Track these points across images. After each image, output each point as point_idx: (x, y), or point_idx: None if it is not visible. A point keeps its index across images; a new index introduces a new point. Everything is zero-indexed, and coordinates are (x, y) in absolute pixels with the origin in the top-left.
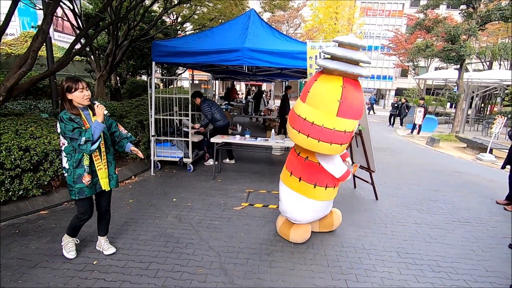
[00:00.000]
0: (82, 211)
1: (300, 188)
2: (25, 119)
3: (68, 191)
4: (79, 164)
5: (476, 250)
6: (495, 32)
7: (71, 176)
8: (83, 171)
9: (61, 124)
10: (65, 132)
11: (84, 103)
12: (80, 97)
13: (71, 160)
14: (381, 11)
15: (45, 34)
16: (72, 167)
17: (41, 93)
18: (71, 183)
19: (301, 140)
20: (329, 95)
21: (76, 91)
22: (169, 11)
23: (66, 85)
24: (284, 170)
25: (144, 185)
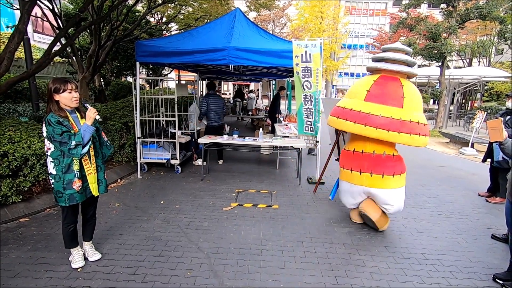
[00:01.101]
0: (67, 218)
1: (394, 182)
2: (2, 123)
3: (56, 198)
4: (68, 169)
5: (461, 242)
6: (474, 30)
7: (59, 182)
8: (73, 177)
9: (49, 127)
10: (53, 136)
11: (72, 105)
12: (68, 99)
13: (59, 166)
14: (365, 10)
15: (22, 34)
16: (61, 173)
17: (21, 96)
18: (60, 189)
19: (400, 138)
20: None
21: (65, 92)
22: (154, 11)
23: (54, 85)
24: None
25: (131, 188)
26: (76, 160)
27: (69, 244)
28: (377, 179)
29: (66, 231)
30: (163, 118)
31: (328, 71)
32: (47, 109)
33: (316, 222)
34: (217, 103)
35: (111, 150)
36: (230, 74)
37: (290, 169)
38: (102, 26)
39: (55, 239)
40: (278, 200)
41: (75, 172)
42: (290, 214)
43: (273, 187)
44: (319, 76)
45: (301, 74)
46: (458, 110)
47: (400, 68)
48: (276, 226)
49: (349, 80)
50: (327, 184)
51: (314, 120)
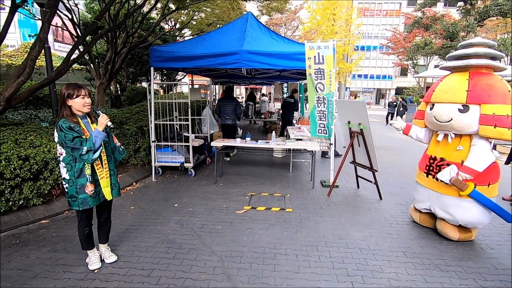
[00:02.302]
0: (82, 222)
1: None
2: (24, 128)
3: (70, 202)
4: (80, 173)
5: (485, 248)
6: (494, 28)
7: (73, 186)
8: (85, 181)
9: (61, 133)
10: (65, 142)
11: (83, 111)
12: (80, 104)
13: (71, 170)
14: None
15: (43, 43)
16: (73, 177)
17: (42, 102)
18: (74, 194)
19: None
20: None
21: (78, 97)
22: (167, 18)
23: (67, 91)
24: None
25: (145, 192)
26: (87, 164)
27: (85, 246)
28: None
29: (82, 234)
30: (177, 122)
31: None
32: (59, 114)
33: (330, 226)
34: (225, 105)
35: (124, 155)
36: (242, 78)
37: (303, 172)
38: (118, 34)
39: (73, 241)
40: (292, 203)
41: (87, 176)
42: (304, 218)
43: (286, 190)
44: (332, 77)
45: (314, 76)
46: None
47: (491, 62)
48: (289, 230)
49: (362, 82)
50: (341, 187)
51: (327, 123)
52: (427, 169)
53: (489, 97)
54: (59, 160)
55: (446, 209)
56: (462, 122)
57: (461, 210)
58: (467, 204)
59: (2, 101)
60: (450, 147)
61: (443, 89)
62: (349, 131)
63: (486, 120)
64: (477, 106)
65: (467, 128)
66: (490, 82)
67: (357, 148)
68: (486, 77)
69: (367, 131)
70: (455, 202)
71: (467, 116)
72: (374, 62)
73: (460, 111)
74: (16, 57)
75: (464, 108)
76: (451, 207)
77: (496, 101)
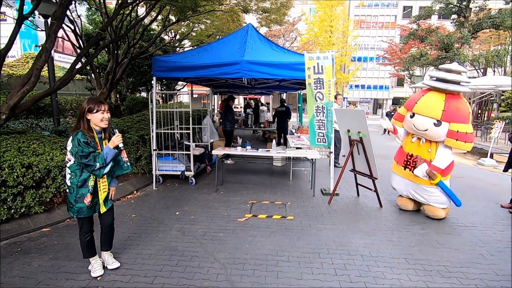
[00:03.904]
0: (83, 228)
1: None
2: (27, 137)
3: (68, 207)
4: (83, 184)
5: (485, 255)
6: (487, 40)
7: (72, 194)
8: (86, 191)
9: (78, 148)
10: (80, 157)
11: (101, 125)
12: (99, 119)
13: (75, 178)
14: (374, 23)
15: (49, 53)
16: (75, 186)
17: (43, 112)
18: (72, 201)
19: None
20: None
21: (98, 112)
22: (168, 29)
23: (88, 105)
24: None
25: (147, 200)
26: (93, 176)
27: (87, 253)
28: None
29: (84, 241)
30: (177, 131)
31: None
32: (76, 125)
33: (332, 234)
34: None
35: (127, 171)
36: (242, 88)
37: (304, 181)
38: (119, 44)
39: (74, 249)
40: (293, 211)
41: (89, 187)
42: (305, 225)
43: (287, 198)
44: (331, 87)
45: (313, 86)
46: (474, 120)
47: (465, 89)
48: (291, 237)
49: (360, 92)
50: (341, 195)
51: (326, 132)
52: (405, 163)
53: (456, 118)
54: (66, 165)
55: (421, 193)
56: (435, 133)
57: (431, 194)
58: (434, 190)
59: (6, 109)
60: (423, 148)
61: (424, 104)
62: (348, 139)
63: (451, 134)
64: (447, 123)
65: (437, 138)
66: (458, 106)
67: (357, 156)
68: (456, 101)
69: (367, 139)
70: (427, 189)
71: (439, 129)
72: (371, 73)
73: (435, 124)
74: (17, 67)
75: (438, 123)
76: (423, 191)
77: (460, 121)
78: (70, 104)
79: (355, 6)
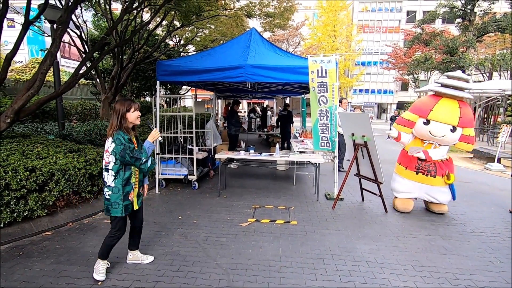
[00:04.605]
0: (120, 228)
1: None
2: (31, 140)
3: (111, 209)
4: (127, 182)
5: (494, 262)
6: (492, 43)
7: (118, 194)
8: (130, 189)
9: (125, 145)
10: (126, 154)
11: (137, 123)
12: (135, 117)
13: (119, 178)
14: (378, 28)
15: (53, 57)
16: (120, 185)
17: (47, 116)
18: (118, 201)
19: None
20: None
21: (135, 111)
22: (172, 34)
23: (126, 105)
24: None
25: (149, 204)
26: (134, 173)
27: (105, 254)
28: None
29: (111, 242)
30: (181, 135)
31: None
32: (114, 126)
33: (336, 239)
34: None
35: (153, 166)
36: (245, 92)
37: (307, 185)
38: (124, 49)
39: (76, 253)
40: (296, 216)
41: (132, 184)
42: (309, 230)
43: (290, 203)
44: (335, 91)
45: (317, 90)
46: (480, 125)
47: (468, 95)
48: (295, 243)
49: (364, 96)
50: (346, 200)
51: (330, 136)
52: (417, 168)
53: (468, 123)
54: (106, 168)
55: (434, 194)
56: (451, 138)
57: (442, 194)
58: (445, 189)
59: (11, 113)
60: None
61: (442, 111)
62: (352, 143)
63: (464, 138)
64: (461, 128)
65: (451, 143)
66: (469, 112)
67: (361, 161)
68: (467, 107)
69: (371, 143)
70: (440, 189)
71: (454, 135)
72: (375, 77)
73: (451, 130)
74: (24, 72)
75: (454, 129)
76: (436, 193)
77: (470, 126)
78: (75, 108)
79: (359, 11)
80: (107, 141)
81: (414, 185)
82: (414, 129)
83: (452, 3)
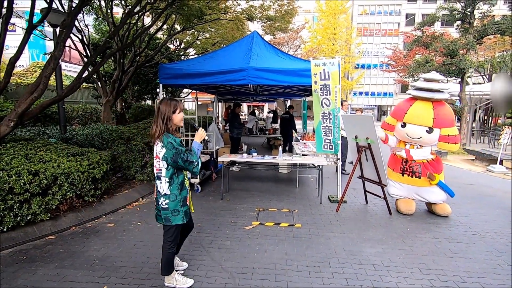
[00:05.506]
0: (176, 236)
1: None
2: (34, 144)
3: (171, 218)
4: (182, 186)
5: (502, 264)
6: (492, 46)
7: (176, 200)
8: (186, 193)
9: (179, 149)
10: (182, 156)
11: (181, 125)
12: (180, 119)
13: (174, 184)
14: (377, 31)
15: (57, 61)
16: (177, 191)
17: (49, 119)
18: (178, 207)
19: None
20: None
21: (181, 112)
22: (173, 38)
23: (172, 104)
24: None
25: (152, 207)
26: (186, 177)
27: (170, 269)
28: None
29: (171, 253)
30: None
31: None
32: (159, 129)
33: (342, 242)
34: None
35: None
36: (247, 95)
37: (310, 188)
38: (125, 53)
39: (80, 257)
40: (300, 219)
41: (187, 188)
42: (313, 233)
43: (294, 206)
44: (338, 93)
45: (319, 92)
46: (481, 127)
47: (446, 96)
48: (300, 246)
49: (364, 99)
50: (349, 203)
51: (333, 138)
52: (402, 170)
53: (445, 123)
54: (158, 176)
55: (423, 194)
56: (428, 139)
57: (432, 193)
58: (434, 189)
59: (14, 117)
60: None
61: (415, 114)
62: (356, 145)
63: (443, 138)
64: (438, 129)
65: (431, 143)
66: (445, 112)
67: (365, 163)
68: (442, 107)
69: (375, 145)
70: (428, 189)
71: (432, 135)
72: (374, 80)
73: (427, 131)
74: (26, 76)
75: (430, 130)
76: (425, 193)
77: (448, 125)
78: (77, 112)
79: (358, 14)
80: (155, 146)
81: (402, 187)
82: (394, 132)
83: (452, 6)
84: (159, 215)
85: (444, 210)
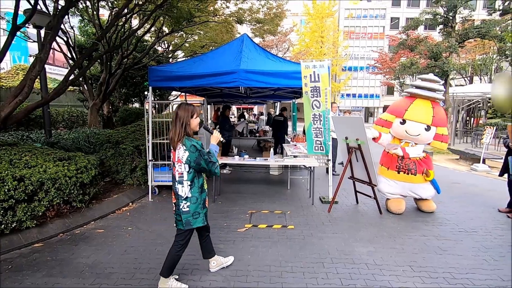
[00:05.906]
0: (188, 239)
1: None
2: (19, 149)
3: (191, 221)
4: (202, 189)
5: (489, 260)
6: (472, 49)
7: (197, 203)
8: (205, 195)
9: (201, 151)
10: (202, 160)
11: (197, 130)
12: (196, 123)
13: (195, 187)
14: (363, 34)
15: (43, 63)
16: (197, 194)
17: (33, 123)
18: (199, 210)
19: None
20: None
21: (198, 117)
22: (161, 40)
23: (190, 110)
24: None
25: (143, 212)
26: (205, 180)
27: (170, 271)
28: None
29: (177, 257)
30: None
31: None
32: (179, 134)
33: (334, 242)
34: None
35: None
36: (236, 97)
37: (302, 189)
38: (112, 55)
39: (69, 265)
40: (293, 220)
41: (206, 190)
42: (306, 235)
43: (286, 207)
44: (328, 95)
45: (310, 94)
46: (464, 127)
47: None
48: (293, 247)
49: (351, 101)
50: (341, 203)
51: (324, 139)
52: (398, 168)
53: (441, 122)
54: (180, 180)
55: (416, 191)
56: (425, 137)
57: (425, 190)
58: (426, 186)
59: None
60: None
61: (416, 111)
62: (346, 146)
63: (438, 137)
64: (435, 127)
65: (426, 141)
66: (441, 112)
67: (355, 164)
68: (439, 107)
69: (365, 146)
70: (421, 186)
71: (429, 133)
72: (361, 82)
73: (425, 129)
74: (7, 79)
75: (428, 128)
76: (418, 190)
77: (443, 125)
78: (62, 116)
79: (345, 18)
80: (178, 150)
81: (397, 184)
82: (391, 129)
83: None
84: (179, 220)
85: (430, 207)
